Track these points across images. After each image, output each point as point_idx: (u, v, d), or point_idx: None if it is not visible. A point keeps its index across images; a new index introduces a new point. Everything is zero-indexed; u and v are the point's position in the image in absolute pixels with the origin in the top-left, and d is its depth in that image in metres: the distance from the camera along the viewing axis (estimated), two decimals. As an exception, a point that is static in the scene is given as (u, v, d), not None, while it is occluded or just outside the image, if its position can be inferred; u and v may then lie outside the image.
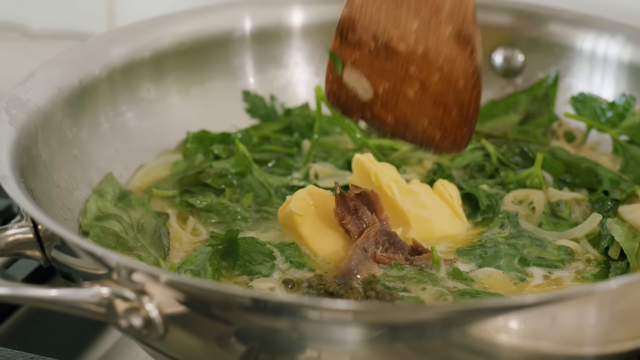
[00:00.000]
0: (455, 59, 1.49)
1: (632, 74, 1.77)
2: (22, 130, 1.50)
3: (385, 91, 1.56)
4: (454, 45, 1.48)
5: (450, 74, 1.50)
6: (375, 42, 1.54)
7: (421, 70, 1.52)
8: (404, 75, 1.54)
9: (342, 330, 1.19)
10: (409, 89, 1.53)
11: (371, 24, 1.53)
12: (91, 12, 2.26)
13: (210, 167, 1.66)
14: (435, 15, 1.49)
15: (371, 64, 1.55)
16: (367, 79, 1.56)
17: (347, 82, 1.57)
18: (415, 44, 1.51)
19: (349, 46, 1.55)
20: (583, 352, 1.25)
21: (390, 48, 1.53)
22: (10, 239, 1.38)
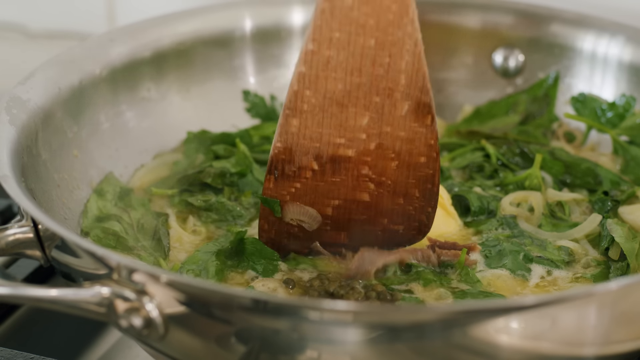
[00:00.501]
0: (414, 137, 1.41)
1: (632, 74, 1.77)
2: (22, 130, 1.50)
3: (335, 210, 1.46)
4: (412, 121, 1.40)
5: (410, 155, 1.42)
6: (319, 161, 1.43)
7: (375, 167, 1.43)
8: (355, 182, 1.44)
9: (342, 331, 1.19)
10: (363, 194, 1.45)
11: (312, 143, 1.42)
12: (91, 12, 2.26)
13: (211, 166, 1.66)
14: (389, 97, 1.39)
15: (315, 188, 1.45)
16: (311, 206, 1.46)
17: (288, 222, 1.47)
18: (366, 141, 1.42)
19: (287, 180, 1.44)
20: (583, 353, 1.26)
21: (337, 159, 1.43)
22: (11, 239, 1.38)
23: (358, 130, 1.41)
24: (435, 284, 1.43)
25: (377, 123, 1.41)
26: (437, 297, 1.41)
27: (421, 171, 1.44)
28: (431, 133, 1.41)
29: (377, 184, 1.44)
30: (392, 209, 1.46)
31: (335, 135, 1.41)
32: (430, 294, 1.42)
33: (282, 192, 1.45)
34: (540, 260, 1.48)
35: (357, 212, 1.46)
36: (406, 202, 1.46)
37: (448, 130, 1.81)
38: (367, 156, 1.43)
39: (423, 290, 1.42)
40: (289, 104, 1.40)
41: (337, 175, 1.44)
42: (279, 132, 1.42)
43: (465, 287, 1.43)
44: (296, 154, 1.43)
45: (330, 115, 1.40)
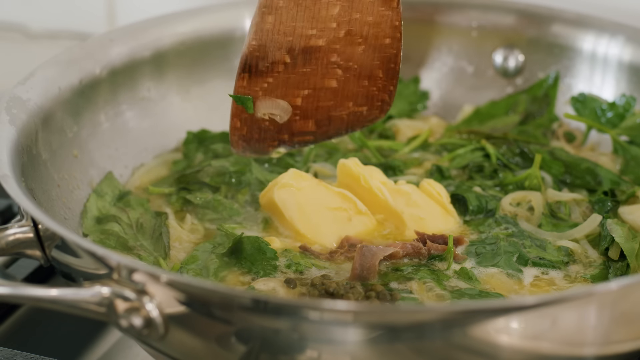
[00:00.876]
0: (381, 20, 1.49)
1: (632, 74, 1.77)
2: (22, 130, 1.50)
3: (304, 99, 1.54)
4: (379, 6, 1.48)
5: (376, 37, 1.50)
6: (291, 53, 1.50)
7: (344, 53, 1.51)
8: (324, 70, 1.52)
9: (342, 331, 1.19)
10: (331, 81, 1.52)
11: (286, 38, 1.49)
12: (91, 12, 2.26)
13: (209, 165, 1.66)
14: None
15: (287, 81, 1.52)
16: (283, 99, 1.53)
17: (259, 117, 1.54)
18: (337, 29, 1.49)
19: (260, 77, 1.51)
20: (583, 353, 1.26)
21: (308, 50, 1.50)
22: (11, 239, 1.38)
23: (329, 20, 1.48)
24: (433, 282, 1.43)
25: (347, 11, 1.48)
26: (437, 297, 1.41)
27: (385, 52, 1.51)
28: (396, 15, 1.49)
29: (345, 69, 1.52)
30: (357, 92, 1.54)
31: (308, 27, 1.49)
32: (429, 294, 1.42)
33: (254, 88, 1.52)
34: (538, 262, 1.48)
35: (325, 99, 1.53)
36: (370, 83, 1.53)
37: (448, 130, 1.81)
38: (337, 44, 1.50)
39: (422, 290, 1.42)
40: (265, 2, 1.47)
41: (308, 65, 1.51)
42: (254, 30, 1.49)
43: (463, 286, 1.43)
44: (270, 50, 1.50)
45: (304, 8, 1.47)
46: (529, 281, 1.46)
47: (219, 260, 1.46)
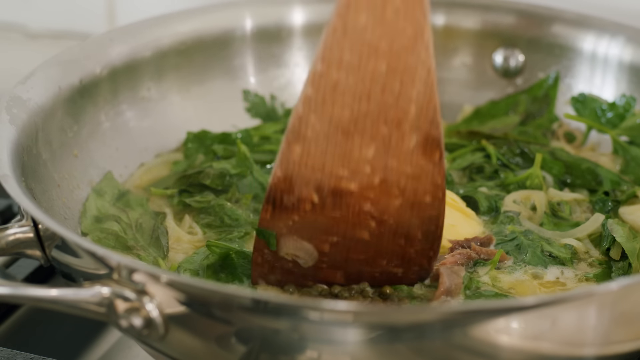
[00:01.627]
0: (421, 173, 1.34)
1: (632, 74, 1.77)
2: (22, 130, 1.50)
3: (333, 247, 1.38)
4: (419, 157, 1.33)
5: (415, 193, 1.35)
6: (320, 193, 1.34)
7: (378, 204, 1.35)
8: (356, 219, 1.36)
9: (342, 331, 1.18)
10: (363, 232, 1.37)
11: (314, 174, 1.33)
12: (91, 12, 2.26)
13: (211, 167, 1.66)
14: (397, 129, 1.31)
15: (314, 222, 1.36)
16: (308, 242, 1.38)
17: (283, 256, 1.39)
18: (370, 175, 1.33)
19: (285, 212, 1.36)
20: (583, 353, 1.26)
21: (338, 193, 1.34)
22: (11, 239, 1.37)
23: (363, 163, 1.33)
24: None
25: (383, 156, 1.33)
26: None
27: (425, 212, 1.37)
28: (439, 171, 1.35)
29: (379, 223, 1.37)
30: (393, 250, 1.39)
31: (339, 166, 1.33)
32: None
33: (279, 224, 1.37)
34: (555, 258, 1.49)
35: (356, 251, 1.39)
36: (407, 243, 1.39)
37: (448, 131, 1.81)
38: (371, 192, 1.35)
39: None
40: (292, 128, 1.33)
41: (338, 210, 1.36)
42: (280, 159, 1.34)
43: (487, 288, 1.43)
44: (296, 184, 1.35)
45: (335, 144, 1.32)
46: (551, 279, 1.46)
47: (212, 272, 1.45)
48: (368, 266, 1.40)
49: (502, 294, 1.42)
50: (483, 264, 1.47)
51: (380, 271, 1.40)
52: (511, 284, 1.45)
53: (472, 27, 1.88)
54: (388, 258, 1.39)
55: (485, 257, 1.47)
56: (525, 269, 1.47)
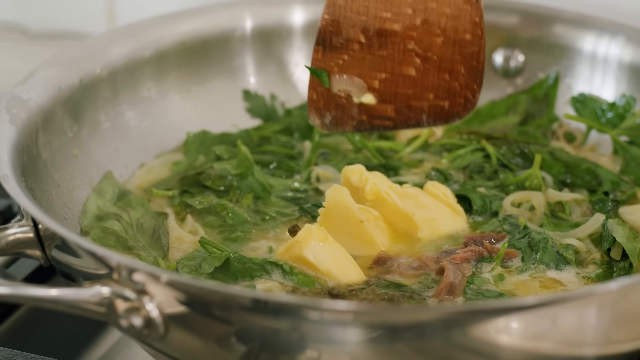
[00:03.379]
0: (459, 14, 1.45)
1: (632, 74, 1.77)
2: (22, 130, 1.50)
3: (382, 83, 1.51)
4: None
5: (455, 31, 1.47)
6: (366, 34, 1.48)
7: (421, 42, 1.47)
8: (402, 57, 1.49)
9: (342, 331, 1.19)
10: (409, 68, 1.49)
11: (359, 17, 1.47)
12: (91, 11, 2.26)
13: (211, 167, 1.66)
14: None
15: (362, 60, 1.50)
16: (360, 78, 1.51)
17: (336, 92, 1.52)
18: (412, 16, 1.46)
19: (335, 52, 1.49)
20: (583, 353, 1.25)
21: (383, 33, 1.47)
22: (11, 239, 1.37)
23: (404, 5, 1.45)
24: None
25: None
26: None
27: (467, 48, 1.48)
28: (476, 10, 1.46)
29: (423, 59, 1.48)
30: (438, 84, 1.50)
31: (382, 9, 1.46)
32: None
33: (330, 63, 1.50)
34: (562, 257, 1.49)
35: (404, 86, 1.50)
36: (452, 78, 1.49)
37: (448, 131, 1.81)
38: (413, 31, 1.47)
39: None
40: None
41: (384, 48, 1.48)
42: (327, 4, 1.47)
43: (491, 288, 1.43)
44: (343, 26, 1.47)
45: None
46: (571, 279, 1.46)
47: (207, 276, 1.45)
48: (416, 100, 1.51)
49: (502, 293, 1.41)
50: (489, 261, 1.47)
51: (428, 105, 1.51)
52: (514, 283, 1.44)
53: (472, 27, 1.88)
54: (434, 92, 1.50)
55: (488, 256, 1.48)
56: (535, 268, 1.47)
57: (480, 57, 1.49)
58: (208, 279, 1.44)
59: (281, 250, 1.47)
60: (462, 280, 1.41)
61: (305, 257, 1.43)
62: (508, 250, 1.48)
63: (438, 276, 1.43)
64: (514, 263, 1.48)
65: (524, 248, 1.49)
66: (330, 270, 1.43)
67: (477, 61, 1.49)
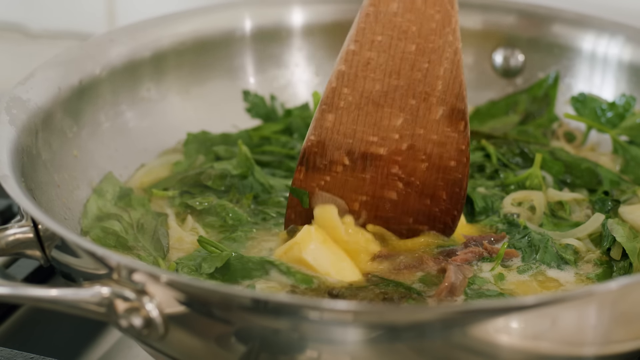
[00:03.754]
0: (446, 141, 1.45)
1: (632, 74, 1.77)
2: (22, 130, 1.50)
3: (362, 206, 1.49)
4: (445, 126, 1.45)
5: (440, 158, 1.46)
6: (350, 156, 1.47)
7: (406, 167, 1.47)
8: (384, 180, 1.48)
9: (342, 331, 1.19)
10: (391, 192, 1.48)
11: (345, 139, 1.46)
12: (91, 12, 2.26)
13: (211, 167, 1.66)
14: (425, 101, 1.44)
15: (345, 182, 1.48)
16: (340, 198, 1.49)
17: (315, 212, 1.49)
18: (399, 141, 1.45)
19: (317, 173, 1.48)
20: (583, 353, 1.26)
21: (368, 156, 1.47)
22: (11, 239, 1.38)
23: (391, 130, 1.45)
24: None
25: (411, 125, 1.45)
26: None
27: (450, 175, 1.47)
28: (463, 139, 1.46)
29: (406, 184, 1.48)
30: (419, 209, 1.49)
31: (369, 133, 1.45)
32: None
33: (311, 184, 1.49)
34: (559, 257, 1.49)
35: (384, 210, 1.50)
36: (433, 203, 1.49)
37: (448, 130, 1.81)
38: (398, 156, 1.46)
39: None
40: (325, 99, 1.45)
41: (367, 172, 1.48)
42: (314, 125, 1.46)
43: (491, 287, 1.43)
44: (329, 148, 1.47)
45: (366, 113, 1.44)
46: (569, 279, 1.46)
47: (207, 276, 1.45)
48: (395, 224, 1.50)
49: (502, 292, 1.41)
50: (489, 260, 1.47)
51: (407, 228, 1.50)
52: (515, 283, 1.44)
53: (472, 27, 1.88)
54: (414, 216, 1.50)
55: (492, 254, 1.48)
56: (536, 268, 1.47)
57: (463, 184, 1.48)
58: (208, 279, 1.44)
59: (280, 252, 1.47)
60: (464, 281, 1.41)
61: (304, 258, 1.44)
62: (508, 250, 1.48)
63: (439, 275, 1.43)
64: (514, 263, 1.48)
65: (524, 248, 1.49)
66: (329, 271, 1.43)
67: (459, 188, 1.48)
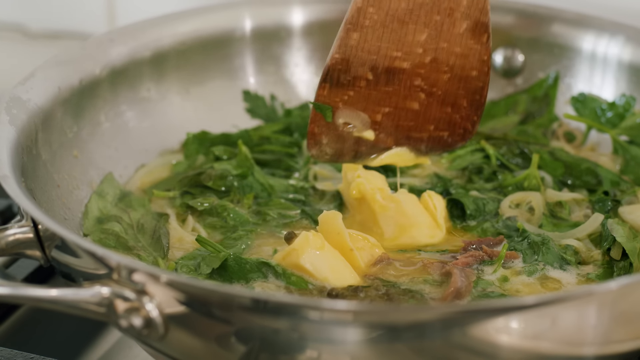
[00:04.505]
0: (469, 53, 1.48)
1: (632, 74, 1.77)
2: (22, 130, 1.50)
3: (385, 116, 1.52)
4: (468, 39, 1.48)
5: (462, 69, 1.49)
6: (374, 71, 1.49)
7: (428, 79, 1.50)
8: (407, 92, 1.51)
9: (342, 331, 1.19)
10: (413, 103, 1.51)
11: (370, 55, 1.48)
12: (91, 12, 2.26)
13: (212, 168, 1.66)
14: (449, 16, 1.46)
15: (368, 96, 1.51)
16: (363, 112, 1.52)
17: (338, 126, 1.53)
18: (422, 55, 1.48)
19: (341, 89, 1.50)
20: (583, 353, 1.26)
21: (392, 71, 1.49)
22: (11, 239, 1.37)
23: (415, 45, 1.47)
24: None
25: (435, 39, 1.47)
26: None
27: (471, 84, 1.51)
28: (485, 50, 1.48)
29: (428, 94, 1.51)
30: (440, 117, 1.53)
31: (393, 49, 1.47)
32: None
33: (335, 99, 1.51)
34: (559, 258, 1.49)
35: (406, 119, 1.52)
36: (454, 110, 1.52)
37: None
38: (421, 68, 1.49)
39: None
40: (350, 19, 1.46)
41: (390, 85, 1.50)
42: (338, 44, 1.47)
43: (494, 289, 1.43)
44: (353, 65, 1.48)
45: (391, 30, 1.46)
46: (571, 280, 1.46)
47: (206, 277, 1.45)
48: (417, 131, 1.53)
49: (506, 294, 1.41)
50: (490, 263, 1.47)
51: (427, 136, 1.53)
52: (519, 284, 1.44)
53: (471, 27, 1.88)
54: (435, 124, 1.53)
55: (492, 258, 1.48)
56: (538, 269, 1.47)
57: (483, 92, 1.51)
58: (206, 279, 1.44)
59: (279, 257, 1.46)
60: (469, 285, 1.41)
61: (302, 265, 1.43)
62: (508, 252, 1.48)
63: (442, 278, 1.43)
64: (514, 264, 1.48)
65: (524, 249, 1.49)
66: (328, 277, 1.43)
67: (480, 95, 1.52)
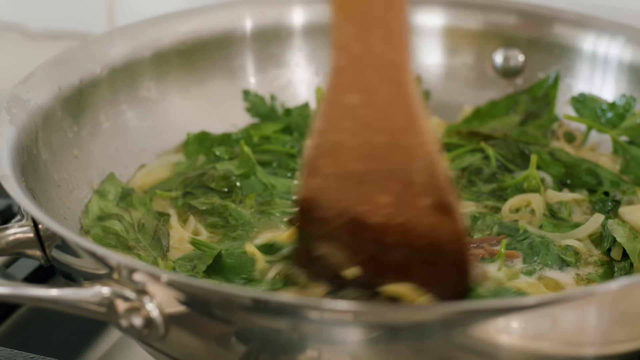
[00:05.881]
0: (439, 227, 1.34)
1: (632, 74, 1.77)
2: (22, 130, 1.50)
3: (364, 262, 1.38)
4: (433, 215, 1.33)
5: (437, 238, 1.35)
6: (341, 219, 1.36)
7: (402, 238, 1.35)
8: (382, 245, 1.36)
9: (342, 331, 1.19)
10: (393, 254, 1.37)
11: (332, 204, 1.35)
12: (91, 12, 2.26)
13: (214, 168, 1.66)
14: (407, 190, 1.32)
15: (341, 238, 1.37)
16: (341, 253, 1.38)
17: (319, 256, 1.40)
18: (390, 217, 1.34)
19: (315, 223, 1.38)
20: (583, 353, 1.26)
21: (361, 222, 1.35)
22: (11, 239, 1.38)
23: (381, 206, 1.34)
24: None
25: (400, 205, 1.34)
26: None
27: (449, 256, 1.37)
28: (454, 230, 1.34)
29: (409, 249, 1.36)
30: (425, 275, 1.37)
31: (357, 203, 1.35)
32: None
33: (311, 229, 1.39)
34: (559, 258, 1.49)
35: (389, 270, 1.38)
36: (438, 274, 1.38)
37: (448, 131, 1.81)
38: (392, 228, 1.35)
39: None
40: (307, 164, 1.35)
41: (364, 234, 1.37)
42: (303, 184, 1.37)
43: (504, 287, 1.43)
44: (317, 207, 1.37)
45: (348, 186, 1.34)
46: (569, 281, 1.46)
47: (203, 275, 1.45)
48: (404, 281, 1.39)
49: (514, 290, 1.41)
50: (491, 262, 1.47)
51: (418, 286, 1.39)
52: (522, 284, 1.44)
53: (472, 27, 1.88)
54: (423, 280, 1.37)
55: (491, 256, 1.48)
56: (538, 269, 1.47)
57: (464, 266, 1.37)
58: (204, 277, 1.44)
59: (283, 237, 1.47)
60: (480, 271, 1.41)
61: None
62: (508, 251, 1.48)
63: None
64: (514, 264, 1.48)
65: (525, 250, 1.49)
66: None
67: (462, 268, 1.38)
